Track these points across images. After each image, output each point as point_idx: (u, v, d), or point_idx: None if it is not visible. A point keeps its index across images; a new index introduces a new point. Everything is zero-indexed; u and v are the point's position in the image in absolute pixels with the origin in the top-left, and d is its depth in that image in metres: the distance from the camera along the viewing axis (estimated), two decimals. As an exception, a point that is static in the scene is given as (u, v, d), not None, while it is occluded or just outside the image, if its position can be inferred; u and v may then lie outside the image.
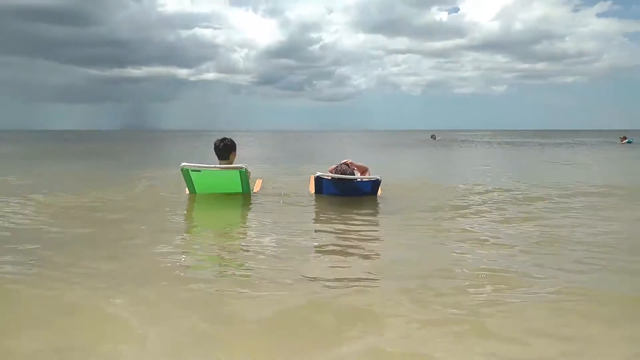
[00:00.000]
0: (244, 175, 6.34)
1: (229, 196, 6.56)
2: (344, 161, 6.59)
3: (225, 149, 6.56)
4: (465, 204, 6.32)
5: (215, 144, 6.61)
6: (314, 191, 6.72)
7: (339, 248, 4.02)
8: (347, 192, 6.52)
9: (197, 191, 6.59)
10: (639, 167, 14.87)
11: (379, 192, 6.70)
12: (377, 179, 6.41)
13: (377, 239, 4.49)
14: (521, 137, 54.33)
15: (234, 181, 6.42)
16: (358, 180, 6.46)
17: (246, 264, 3.51)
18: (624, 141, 35.36)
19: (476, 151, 23.36)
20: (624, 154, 20.72)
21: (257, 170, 8.97)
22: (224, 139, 6.66)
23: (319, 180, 6.49)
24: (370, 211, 5.83)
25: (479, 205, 6.22)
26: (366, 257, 3.72)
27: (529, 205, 6.16)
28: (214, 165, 6.42)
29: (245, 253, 3.89)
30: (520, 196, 6.83)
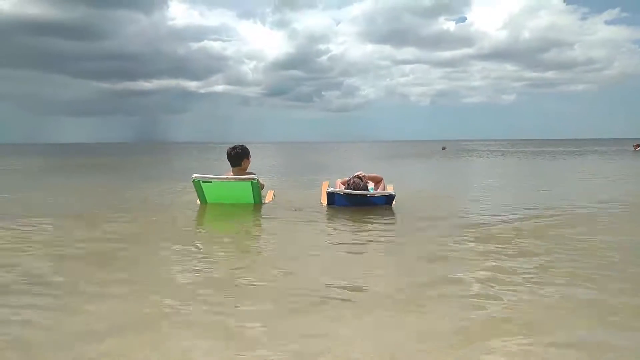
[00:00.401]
0: (256, 186, 6.34)
1: (240, 207, 6.51)
2: (356, 174, 6.46)
3: (237, 157, 6.60)
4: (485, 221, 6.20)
5: (227, 152, 6.66)
6: (326, 203, 6.64)
7: (350, 259, 3.94)
8: (360, 204, 6.43)
9: (208, 201, 6.58)
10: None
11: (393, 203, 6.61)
12: (391, 194, 6.30)
13: (390, 253, 4.40)
14: (533, 146, 54.03)
15: (246, 192, 6.42)
16: (370, 196, 6.33)
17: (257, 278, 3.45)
18: (638, 148, 36.01)
19: (495, 162, 23.06)
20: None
21: (268, 182, 8.94)
22: (236, 146, 6.68)
23: (331, 195, 6.43)
24: (383, 223, 5.74)
25: (492, 222, 6.10)
26: (378, 268, 3.63)
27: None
28: (225, 177, 6.48)
29: (258, 267, 3.82)
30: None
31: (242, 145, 6.73)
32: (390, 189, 6.83)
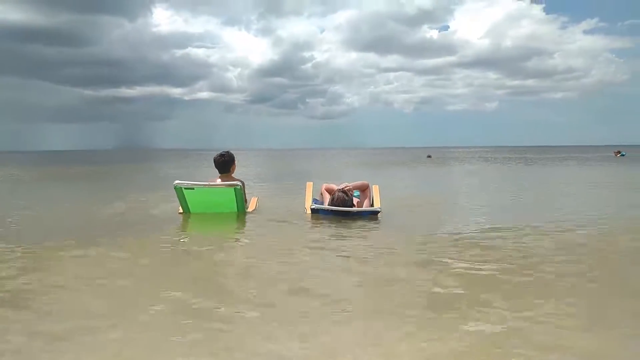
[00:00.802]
0: (239, 193, 6.29)
1: (223, 215, 6.42)
2: (341, 187, 6.28)
3: (225, 164, 6.64)
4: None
5: (215, 159, 6.68)
6: (309, 210, 6.50)
7: (334, 266, 3.83)
8: (345, 217, 6.27)
9: (191, 210, 6.48)
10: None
11: (377, 202, 6.49)
12: (376, 210, 6.19)
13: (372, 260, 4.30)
14: (517, 153, 54.67)
15: (229, 199, 6.35)
16: (355, 211, 6.16)
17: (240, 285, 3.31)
18: (618, 155, 38.69)
19: (482, 169, 23.20)
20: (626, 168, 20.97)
21: (252, 189, 8.82)
22: (223, 153, 6.72)
23: (315, 211, 6.32)
24: (367, 231, 5.64)
25: (471, 229, 6.04)
26: (359, 274, 3.52)
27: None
28: (207, 183, 6.41)
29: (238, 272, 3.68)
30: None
31: (228, 152, 6.79)
32: (375, 190, 6.71)
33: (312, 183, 7.20)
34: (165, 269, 3.84)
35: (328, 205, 6.20)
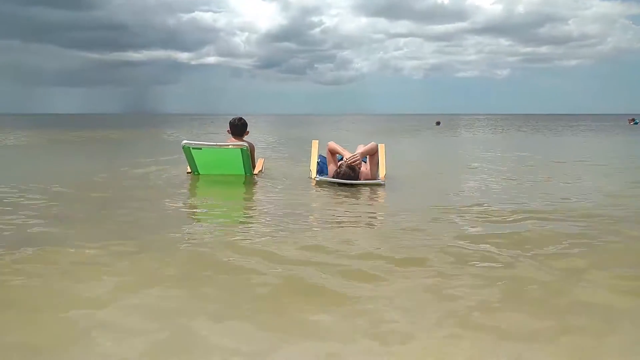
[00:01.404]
0: (245, 154, 6.41)
1: (230, 178, 6.56)
2: (349, 162, 6.08)
3: (238, 127, 6.88)
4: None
5: (232, 122, 6.92)
6: (314, 175, 6.54)
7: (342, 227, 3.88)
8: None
9: (199, 170, 6.67)
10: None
11: (382, 173, 6.47)
12: (379, 183, 6.17)
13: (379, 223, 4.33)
14: (533, 120, 53.79)
15: (236, 160, 6.47)
16: (359, 184, 6.09)
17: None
18: (631, 123, 38.66)
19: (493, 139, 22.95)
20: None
21: (259, 152, 8.84)
22: (240, 118, 7.02)
23: (320, 171, 6.40)
24: (374, 198, 5.67)
25: (474, 193, 6.04)
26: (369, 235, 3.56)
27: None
28: (215, 143, 6.59)
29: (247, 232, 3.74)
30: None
31: (242, 118, 7.05)
32: (381, 150, 6.64)
33: (317, 141, 7.19)
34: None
35: (333, 177, 6.20)
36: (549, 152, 13.57)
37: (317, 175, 6.50)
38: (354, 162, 6.06)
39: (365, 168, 6.42)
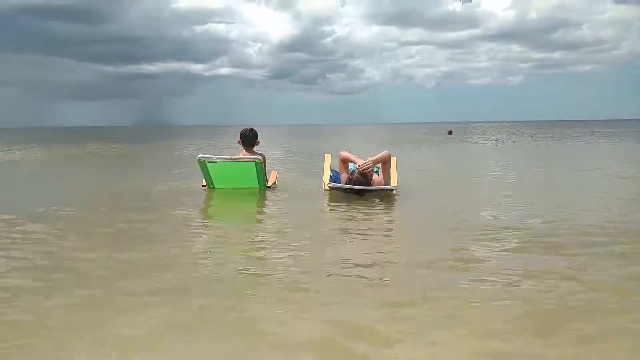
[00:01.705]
0: (260, 167, 6.59)
1: (244, 191, 6.72)
2: (361, 169, 6.13)
3: (249, 138, 7.00)
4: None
5: (242, 132, 7.07)
6: (327, 181, 6.57)
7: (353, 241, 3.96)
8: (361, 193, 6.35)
9: (214, 184, 6.86)
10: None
11: (394, 181, 6.52)
12: (391, 188, 6.27)
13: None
14: (546, 128, 53.09)
15: (250, 172, 6.65)
16: (370, 190, 6.20)
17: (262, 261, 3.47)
18: None
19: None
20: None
21: (272, 164, 8.94)
22: (251, 129, 7.15)
23: (333, 180, 6.48)
24: (386, 208, 5.73)
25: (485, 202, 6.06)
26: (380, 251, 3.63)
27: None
28: (229, 157, 6.78)
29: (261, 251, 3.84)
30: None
31: (253, 129, 7.19)
32: (393, 162, 6.68)
33: (330, 155, 7.29)
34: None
35: (345, 183, 6.27)
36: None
37: (331, 177, 6.59)
38: (365, 168, 6.09)
39: (377, 177, 6.48)
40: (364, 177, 6.08)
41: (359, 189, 6.12)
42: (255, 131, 7.09)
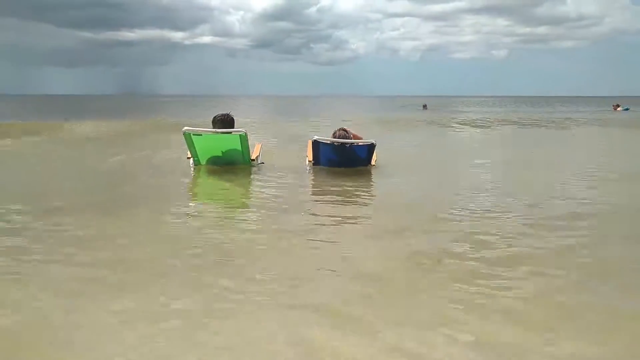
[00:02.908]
0: (244, 140, 6.59)
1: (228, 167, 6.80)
2: (341, 127, 6.90)
3: (230, 123, 6.81)
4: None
5: (220, 119, 6.82)
6: (311, 157, 6.97)
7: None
8: (344, 158, 6.77)
9: (199, 157, 6.82)
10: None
11: (374, 158, 6.98)
12: (372, 143, 6.70)
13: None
14: (516, 105, 53.70)
15: (235, 146, 6.66)
16: (355, 144, 6.73)
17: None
18: (618, 109, 35.01)
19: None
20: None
21: (255, 137, 9.09)
22: (227, 114, 6.91)
23: (316, 145, 6.76)
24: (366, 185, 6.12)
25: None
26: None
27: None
28: (214, 130, 6.69)
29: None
30: None
31: (228, 114, 6.97)
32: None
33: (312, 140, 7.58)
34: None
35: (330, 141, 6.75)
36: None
37: (315, 136, 6.86)
38: (344, 128, 6.91)
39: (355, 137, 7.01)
40: (346, 131, 6.79)
41: (343, 142, 6.62)
42: (232, 117, 6.91)
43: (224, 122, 6.78)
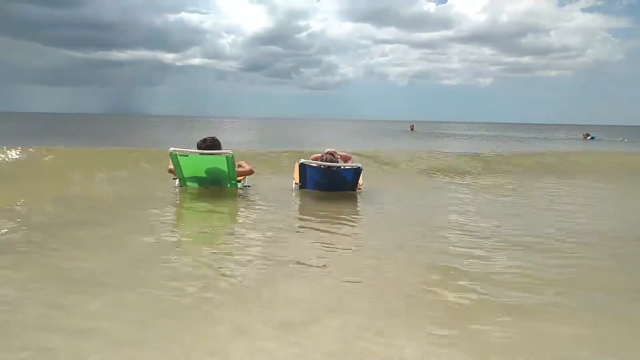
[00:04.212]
0: (231, 161, 6.53)
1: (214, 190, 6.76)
2: (328, 150, 6.80)
3: (214, 145, 6.65)
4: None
5: (207, 143, 6.67)
6: (298, 180, 6.96)
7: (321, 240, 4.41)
8: (331, 180, 6.76)
9: (184, 176, 6.75)
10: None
11: (360, 181, 6.97)
12: (359, 167, 6.66)
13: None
14: (500, 130, 54.81)
15: (221, 167, 6.61)
16: (341, 167, 6.67)
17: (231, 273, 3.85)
18: (587, 138, 37.90)
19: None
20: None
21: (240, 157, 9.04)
22: (213, 137, 6.81)
23: (302, 168, 6.71)
24: (352, 209, 6.18)
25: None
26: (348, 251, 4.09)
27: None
28: (200, 151, 6.58)
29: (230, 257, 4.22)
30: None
31: (213, 137, 6.86)
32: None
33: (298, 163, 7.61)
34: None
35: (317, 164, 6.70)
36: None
37: (302, 160, 6.78)
38: (332, 149, 6.88)
39: (343, 160, 7.06)
40: (333, 155, 6.73)
41: (329, 165, 6.58)
42: (216, 142, 6.71)
43: (209, 147, 6.62)
